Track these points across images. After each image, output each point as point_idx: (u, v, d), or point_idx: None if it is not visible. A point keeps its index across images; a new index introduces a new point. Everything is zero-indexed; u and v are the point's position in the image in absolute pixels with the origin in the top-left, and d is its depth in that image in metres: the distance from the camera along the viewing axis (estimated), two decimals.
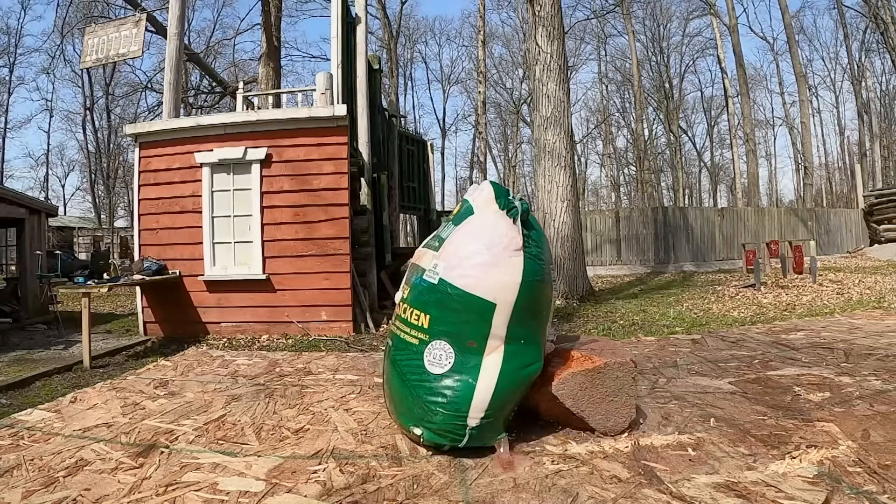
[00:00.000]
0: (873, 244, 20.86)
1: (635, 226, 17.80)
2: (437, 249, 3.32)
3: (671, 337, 6.64)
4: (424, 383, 3.12)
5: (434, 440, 3.09)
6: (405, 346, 3.26)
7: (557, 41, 10.19)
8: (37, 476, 2.96)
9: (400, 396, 3.26)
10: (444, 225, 3.56)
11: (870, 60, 37.79)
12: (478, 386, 3.03)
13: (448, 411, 3.03)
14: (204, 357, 6.43)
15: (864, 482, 2.53)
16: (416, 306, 3.24)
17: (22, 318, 9.09)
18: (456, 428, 3.03)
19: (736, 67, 29.84)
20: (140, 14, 10.23)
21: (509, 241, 3.15)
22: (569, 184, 10.09)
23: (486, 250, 3.14)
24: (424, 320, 3.17)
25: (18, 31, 37.84)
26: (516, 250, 3.14)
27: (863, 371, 4.51)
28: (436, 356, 3.11)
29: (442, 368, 3.08)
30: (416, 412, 3.13)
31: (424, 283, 3.25)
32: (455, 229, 3.36)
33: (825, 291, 9.76)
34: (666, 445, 3.11)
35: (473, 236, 3.24)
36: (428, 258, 3.35)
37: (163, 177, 8.05)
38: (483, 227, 3.26)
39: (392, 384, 3.34)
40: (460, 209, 3.52)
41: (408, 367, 3.21)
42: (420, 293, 3.26)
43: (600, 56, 46.22)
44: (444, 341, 3.11)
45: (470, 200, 3.47)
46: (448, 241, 3.31)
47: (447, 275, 3.15)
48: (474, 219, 3.34)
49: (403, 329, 3.30)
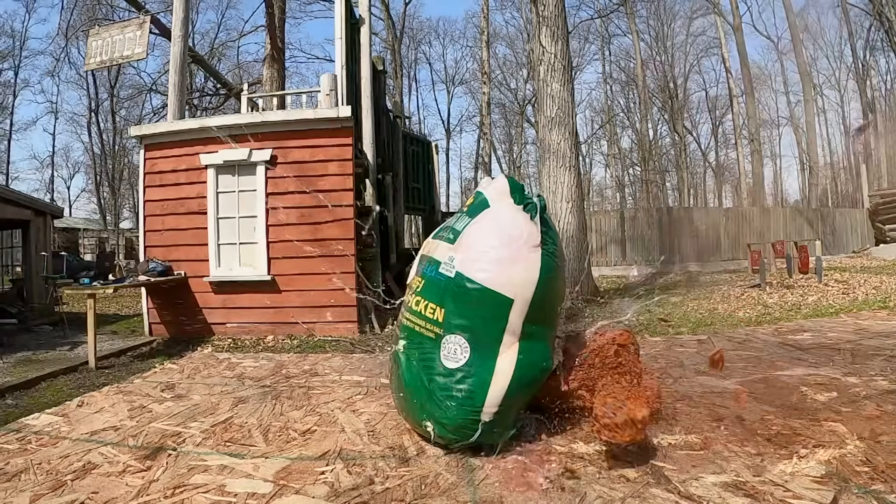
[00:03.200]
0: (879, 244, 20.75)
1: (640, 226, 17.78)
2: (453, 242, 3.27)
3: (677, 337, 6.63)
4: (438, 377, 3.09)
5: (445, 435, 3.08)
6: (419, 340, 3.21)
7: (561, 41, 10.17)
8: (45, 480, 2.97)
9: (412, 390, 3.22)
10: (458, 216, 3.50)
11: (874, 59, 37.61)
12: (493, 381, 3.00)
13: (462, 406, 3.01)
14: (210, 359, 6.44)
15: (871, 481, 2.53)
16: (431, 299, 3.19)
17: (27, 318, 9.13)
18: (469, 423, 3.01)
19: (740, 67, 29.74)
20: (144, 16, 10.25)
21: (528, 236, 3.13)
22: (573, 184, 10.07)
23: (506, 245, 3.10)
24: (440, 314, 3.13)
25: (23, 33, 37.87)
26: (535, 246, 3.12)
27: (870, 371, 4.49)
28: (451, 350, 3.07)
29: (457, 363, 3.05)
30: (428, 406, 3.11)
31: (441, 276, 3.19)
32: (471, 222, 3.31)
33: (831, 292, 9.72)
34: (674, 445, 3.11)
35: (492, 230, 3.19)
36: (443, 250, 3.30)
37: (168, 178, 8.07)
38: (501, 221, 3.22)
39: (403, 378, 3.29)
40: (474, 201, 3.48)
41: (422, 361, 3.18)
42: (435, 286, 3.21)
43: (604, 56, 46.06)
44: (459, 335, 3.07)
45: (484, 193, 3.43)
46: (465, 234, 3.26)
47: (465, 268, 3.11)
48: (490, 212, 3.30)
49: (417, 322, 3.24)
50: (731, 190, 48.98)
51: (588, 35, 43.50)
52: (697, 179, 49.45)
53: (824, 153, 44.50)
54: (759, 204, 27.94)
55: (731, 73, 34.60)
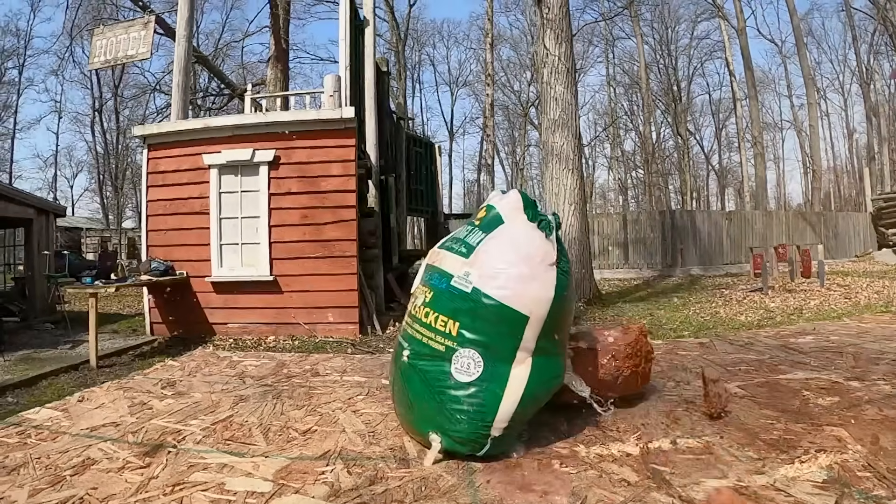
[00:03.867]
0: (881, 248, 20.70)
1: (643, 229, 17.75)
2: (467, 256, 3.26)
3: (679, 340, 6.61)
4: (449, 390, 3.06)
5: (454, 448, 3.05)
6: (429, 352, 3.18)
7: (566, 44, 10.17)
8: (44, 474, 2.97)
9: (419, 401, 3.20)
10: (470, 229, 3.46)
11: (878, 63, 37.55)
12: (504, 396, 3.00)
13: (473, 420, 2.99)
14: (211, 358, 6.45)
15: (873, 487, 2.51)
16: (444, 312, 3.17)
17: (29, 317, 9.14)
18: (479, 437, 2.99)
19: (744, 70, 29.70)
20: (149, 16, 10.28)
21: (545, 255, 3.16)
22: (576, 187, 10.07)
23: (523, 263, 3.12)
24: (453, 327, 3.11)
25: (28, 32, 37.98)
26: (550, 265, 3.15)
27: (872, 375, 4.47)
28: (463, 364, 3.06)
29: (469, 377, 3.04)
30: (437, 419, 3.08)
31: (454, 290, 3.18)
32: (486, 237, 3.30)
33: (833, 296, 9.70)
34: (675, 449, 3.10)
35: (509, 247, 3.21)
36: (455, 263, 3.28)
37: (171, 178, 8.09)
38: (518, 238, 3.24)
39: (409, 389, 3.26)
40: (486, 215, 3.48)
41: (431, 373, 3.14)
42: (449, 300, 3.19)
43: (608, 59, 46.06)
44: (472, 350, 3.06)
45: (497, 207, 3.44)
46: (480, 249, 3.25)
47: (482, 284, 3.10)
48: (506, 228, 3.31)
49: (426, 334, 3.21)
50: (733, 193, 48.97)
51: (592, 38, 43.52)
52: (700, 182, 49.40)
53: (827, 157, 44.47)
54: (762, 207, 27.89)
55: (735, 76, 34.62)
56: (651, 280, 15.64)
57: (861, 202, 27.99)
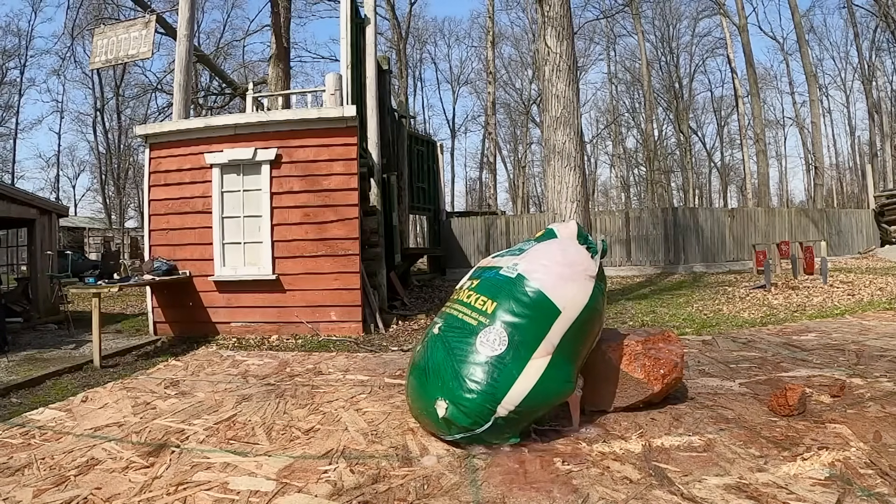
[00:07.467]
0: (884, 245, 20.65)
1: (645, 226, 17.72)
2: (518, 255, 3.69)
3: (682, 338, 6.61)
4: (470, 359, 3.22)
5: (457, 418, 3.11)
6: (460, 325, 3.42)
7: (567, 41, 10.15)
8: (48, 475, 2.98)
9: (438, 369, 3.31)
10: (525, 241, 4.07)
11: (880, 59, 37.45)
12: (519, 379, 3.12)
13: (485, 392, 3.09)
14: (214, 357, 6.46)
15: (875, 484, 2.51)
16: (485, 293, 3.49)
17: (33, 317, 9.16)
18: (484, 412, 3.08)
19: (746, 67, 29.59)
20: (150, 15, 10.28)
21: (587, 266, 3.55)
22: (578, 184, 10.04)
23: (568, 265, 3.51)
24: (490, 306, 3.38)
25: (29, 32, 38.09)
26: (591, 276, 3.50)
27: (874, 373, 4.47)
28: (489, 339, 3.24)
29: (493, 351, 3.19)
30: (450, 385, 3.19)
31: (500, 276, 3.54)
32: (539, 244, 3.80)
33: (836, 293, 9.69)
34: (677, 446, 3.10)
35: (558, 251, 3.65)
36: (506, 261, 3.70)
37: (173, 177, 8.09)
38: (566, 248, 3.69)
39: (432, 357, 3.41)
40: (543, 233, 4.02)
41: (457, 343, 3.33)
42: (492, 283, 3.53)
43: (610, 56, 46.09)
44: (501, 328, 3.25)
45: (555, 229, 3.97)
46: (532, 250, 3.71)
47: (527, 271, 3.46)
48: (558, 241, 3.82)
49: (463, 311, 3.50)
50: (735, 190, 48.96)
51: (593, 35, 43.59)
52: (703, 180, 49.41)
53: (830, 154, 44.43)
54: (765, 204, 27.83)
55: (737, 73, 34.56)
56: (654, 277, 15.63)
57: (864, 199, 27.90)
